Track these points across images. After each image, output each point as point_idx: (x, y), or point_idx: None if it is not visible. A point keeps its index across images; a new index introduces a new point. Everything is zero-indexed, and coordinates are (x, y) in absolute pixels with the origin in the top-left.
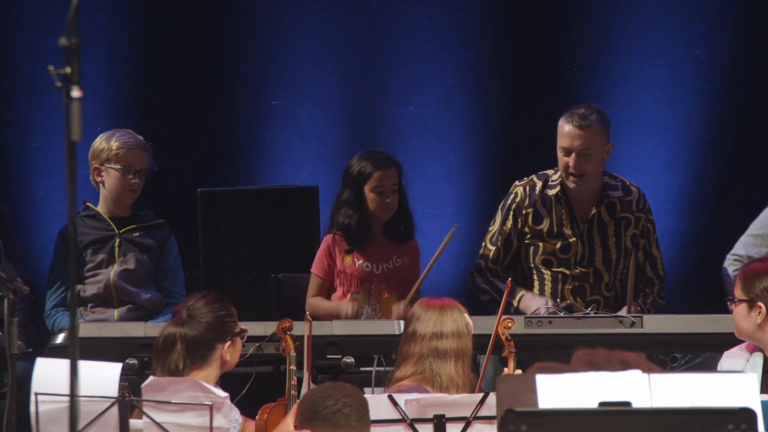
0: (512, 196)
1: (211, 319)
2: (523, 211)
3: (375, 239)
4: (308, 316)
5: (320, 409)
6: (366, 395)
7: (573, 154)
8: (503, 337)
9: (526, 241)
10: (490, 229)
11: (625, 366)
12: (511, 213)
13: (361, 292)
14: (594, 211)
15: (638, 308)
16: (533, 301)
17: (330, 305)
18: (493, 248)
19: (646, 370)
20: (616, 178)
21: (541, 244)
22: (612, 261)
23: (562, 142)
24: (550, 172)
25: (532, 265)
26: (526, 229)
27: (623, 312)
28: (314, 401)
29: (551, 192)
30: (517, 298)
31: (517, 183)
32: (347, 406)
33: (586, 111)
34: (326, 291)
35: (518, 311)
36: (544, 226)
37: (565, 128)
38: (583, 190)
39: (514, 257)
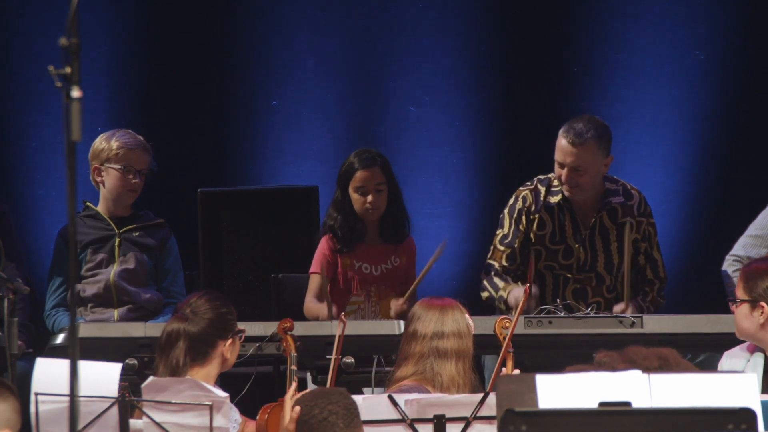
0: (521, 201)
1: (213, 315)
2: (531, 216)
3: (371, 240)
4: (342, 317)
5: (307, 418)
6: (366, 395)
7: (566, 168)
8: (500, 337)
9: (531, 246)
10: (498, 232)
11: (662, 362)
12: (523, 216)
13: (360, 295)
14: (596, 218)
15: (636, 306)
16: (516, 291)
17: (316, 308)
18: (507, 250)
19: (681, 368)
20: (617, 182)
21: (543, 250)
22: (614, 265)
23: (556, 155)
24: (551, 176)
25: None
26: (532, 235)
27: (619, 307)
28: (302, 411)
29: (554, 199)
30: (507, 291)
31: (521, 188)
32: (333, 414)
33: (584, 127)
34: (327, 289)
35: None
36: (547, 232)
37: (561, 142)
38: (577, 199)
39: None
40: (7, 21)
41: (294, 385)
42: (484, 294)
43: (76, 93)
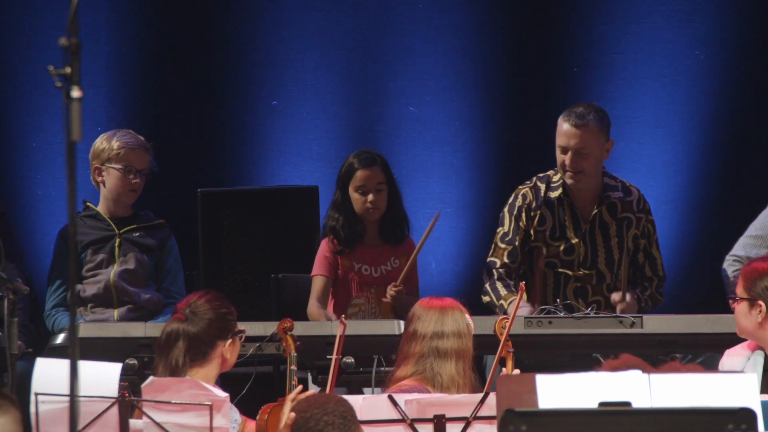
0: (521, 198)
1: (213, 316)
2: (532, 213)
3: (370, 242)
4: (343, 319)
5: (303, 431)
6: (366, 395)
7: (569, 152)
8: (500, 337)
9: (531, 244)
10: (499, 230)
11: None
12: (524, 213)
13: (361, 297)
14: (595, 212)
15: (634, 296)
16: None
17: (319, 315)
18: (509, 247)
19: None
20: (615, 179)
21: (544, 247)
22: (614, 262)
23: (559, 140)
24: (551, 173)
25: (535, 267)
26: (532, 231)
27: (617, 296)
28: (298, 420)
29: (554, 194)
30: (508, 301)
31: (521, 186)
32: (329, 425)
33: (584, 110)
34: (329, 291)
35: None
36: (548, 228)
37: (563, 127)
38: (581, 187)
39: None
40: (7, 21)
41: (299, 387)
42: (485, 298)
43: (76, 93)
